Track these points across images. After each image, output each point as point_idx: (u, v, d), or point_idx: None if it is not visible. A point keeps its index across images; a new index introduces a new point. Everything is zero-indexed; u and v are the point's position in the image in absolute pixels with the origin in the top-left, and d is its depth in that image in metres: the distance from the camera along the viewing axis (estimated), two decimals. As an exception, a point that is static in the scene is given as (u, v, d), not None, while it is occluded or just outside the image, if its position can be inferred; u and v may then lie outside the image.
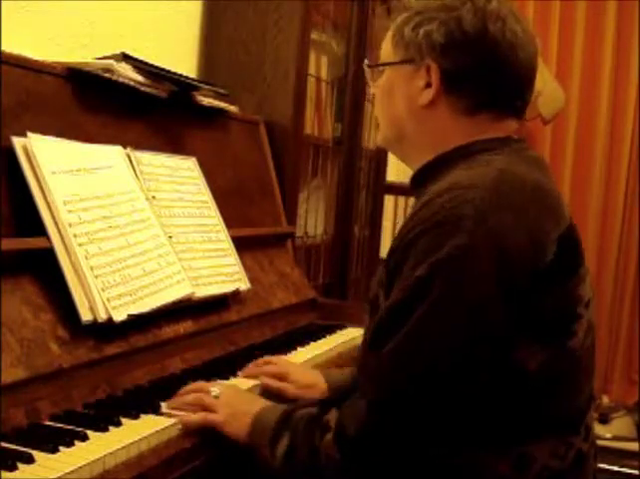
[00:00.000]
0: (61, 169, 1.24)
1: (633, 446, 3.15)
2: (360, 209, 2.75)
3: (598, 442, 1.14)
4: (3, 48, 1.29)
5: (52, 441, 0.96)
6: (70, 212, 1.21)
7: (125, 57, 1.48)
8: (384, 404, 0.96)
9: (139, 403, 1.15)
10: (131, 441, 1.01)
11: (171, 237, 1.45)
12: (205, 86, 1.76)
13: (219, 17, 2.17)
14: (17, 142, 1.20)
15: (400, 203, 3.38)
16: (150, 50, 1.85)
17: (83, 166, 1.30)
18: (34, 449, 0.94)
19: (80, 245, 1.20)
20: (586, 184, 3.77)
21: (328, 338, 1.78)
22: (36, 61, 1.34)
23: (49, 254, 1.17)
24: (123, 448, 0.99)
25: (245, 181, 1.92)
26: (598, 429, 3.27)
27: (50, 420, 1.07)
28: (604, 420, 3.48)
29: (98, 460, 0.95)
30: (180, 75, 1.64)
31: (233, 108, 1.92)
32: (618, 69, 3.72)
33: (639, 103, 3.69)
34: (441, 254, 0.92)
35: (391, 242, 1.03)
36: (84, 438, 1.00)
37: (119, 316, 1.21)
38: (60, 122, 1.34)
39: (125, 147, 1.44)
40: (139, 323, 1.28)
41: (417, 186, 1.12)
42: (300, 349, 1.63)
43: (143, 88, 1.51)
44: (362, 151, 2.67)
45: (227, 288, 1.57)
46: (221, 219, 1.65)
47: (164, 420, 1.11)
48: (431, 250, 0.93)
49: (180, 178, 1.58)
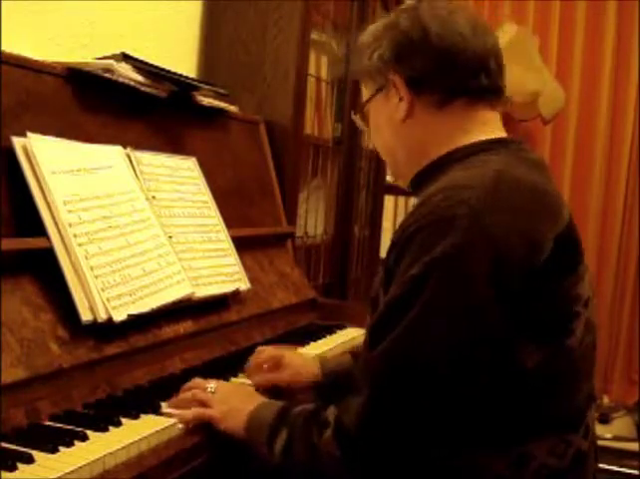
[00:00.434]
0: (61, 169, 1.24)
1: (633, 446, 3.16)
2: (360, 209, 2.75)
3: (598, 442, 1.14)
4: (3, 48, 1.29)
5: (52, 441, 0.96)
6: (70, 212, 1.21)
7: (125, 57, 1.48)
8: (379, 402, 0.96)
9: (139, 403, 1.15)
10: (131, 441, 1.01)
11: (171, 237, 1.45)
12: (205, 86, 1.76)
13: (219, 17, 2.17)
14: (17, 142, 1.20)
15: (400, 203, 3.39)
16: (150, 50, 1.85)
17: (83, 166, 1.30)
18: (34, 449, 0.94)
19: (80, 245, 1.20)
20: (586, 184, 3.77)
21: (328, 338, 1.78)
22: (36, 61, 1.34)
23: (49, 254, 1.17)
24: (123, 448, 0.99)
25: (245, 181, 1.92)
26: (598, 429, 3.26)
27: (50, 420, 1.07)
28: (604, 420, 3.48)
29: (98, 460, 0.95)
30: (180, 75, 1.64)
31: (233, 108, 1.92)
32: (618, 69, 3.72)
33: (639, 103, 3.69)
34: (435, 253, 0.93)
35: (390, 241, 1.04)
36: (84, 438, 1.00)
37: (119, 316, 1.21)
38: (60, 122, 1.35)
39: (125, 147, 1.44)
40: (139, 323, 1.28)
41: (416, 187, 1.15)
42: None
43: (143, 88, 1.51)
44: (362, 151, 2.68)
45: (227, 288, 1.57)
46: (221, 219, 1.65)
47: (164, 420, 1.11)
48: (426, 249, 0.95)
49: (180, 178, 1.58)
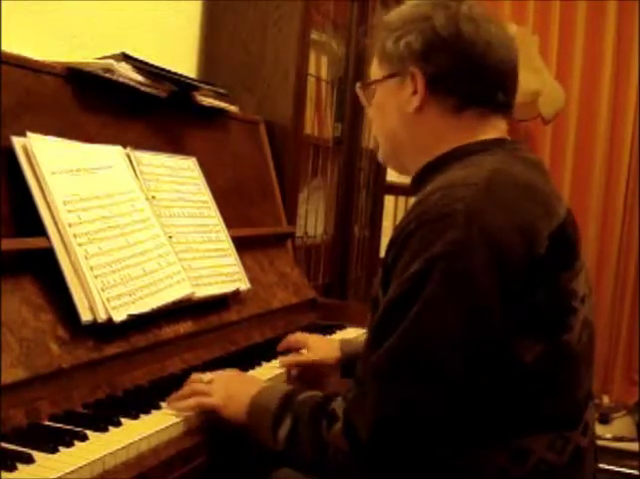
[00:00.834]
0: (61, 169, 1.24)
1: (633, 446, 3.15)
2: (360, 209, 2.75)
3: (598, 442, 1.14)
4: (3, 48, 1.29)
5: (52, 441, 0.96)
6: (70, 212, 1.21)
7: (125, 57, 1.48)
8: (388, 402, 0.96)
9: (139, 403, 1.15)
10: (131, 441, 1.01)
11: (171, 237, 1.45)
12: (205, 86, 1.76)
13: (219, 17, 2.17)
14: (17, 142, 1.20)
15: (400, 203, 3.38)
16: (150, 50, 1.84)
17: (83, 166, 1.30)
18: (34, 449, 0.94)
19: (80, 245, 1.20)
20: (586, 184, 3.77)
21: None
22: (36, 61, 1.34)
23: (49, 254, 1.17)
24: (123, 448, 0.99)
25: (245, 181, 1.92)
26: (598, 429, 3.26)
27: (50, 420, 1.07)
28: (604, 420, 3.47)
29: (98, 460, 0.95)
30: (180, 75, 1.64)
31: (233, 108, 1.92)
32: (618, 69, 3.72)
33: (639, 103, 3.69)
34: (435, 250, 0.94)
35: (388, 241, 1.05)
36: (84, 438, 1.00)
37: (118, 316, 1.21)
38: (60, 122, 1.34)
39: (125, 147, 1.44)
40: (139, 323, 1.28)
41: (415, 187, 1.16)
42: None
43: (143, 88, 1.51)
44: (362, 151, 2.68)
45: (227, 288, 1.57)
46: (221, 219, 1.65)
47: (165, 420, 1.11)
48: (425, 246, 0.95)
49: (180, 178, 1.58)
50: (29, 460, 0.91)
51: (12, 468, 0.89)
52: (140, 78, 1.50)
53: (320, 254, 2.50)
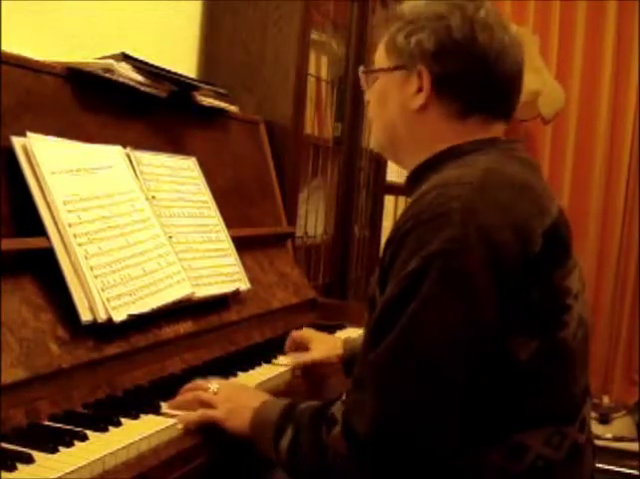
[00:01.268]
0: (61, 169, 1.24)
1: (633, 446, 3.15)
2: (360, 209, 2.75)
3: (598, 442, 1.14)
4: (3, 48, 1.29)
5: (52, 441, 0.96)
6: (70, 212, 1.21)
7: (125, 57, 1.48)
8: (388, 400, 0.95)
9: (139, 403, 1.15)
10: (131, 441, 1.01)
11: (171, 237, 1.45)
12: (205, 86, 1.76)
13: (219, 17, 2.17)
14: (17, 142, 1.20)
15: (400, 203, 3.38)
16: (150, 50, 1.84)
17: (83, 166, 1.30)
18: (34, 449, 0.94)
19: (80, 245, 1.20)
20: (586, 184, 3.77)
21: (328, 338, 1.78)
22: (36, 61, 1.34)
23: (49, 254, 1.17)
24: (123, 448, 0.99)
25: (245, 181, 1.92)
26: (598, 429, 3.27)
27: (50, 420, 1.07)
28: (604, 420, 3.47)
29: (98, 460, 0.95)
30: (180, 75, 1.64)
31: (233, 108, 1.92)
32: (618, 69, 3.72)
33: (639, 103, 3.69)
34: (432, 248, 0.94)
35: (385, 241, 1.05)
36: (83, 438, 1.00)
37: (118, 316, 1.21)
38: (60, 122, 1.34)
39: (125, 147, 1.44)
40: (139, 323, 1.28)
41: (410, 187, 1.16)
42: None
43: (143, 88, 1.51)
44: (362, 151, 2.67)
45: (227, 288, 1.57)
46: (221, 219, 1.65)
47: (165, 420, 1.11)
48: (422, 245, 0.95)
49: (180, 178, 1.58)
50: (29, 460, 0.91)
51: (12, 468, 0.89)
52: (140, 78, 1.50)
53: (320, 254, 2.50)
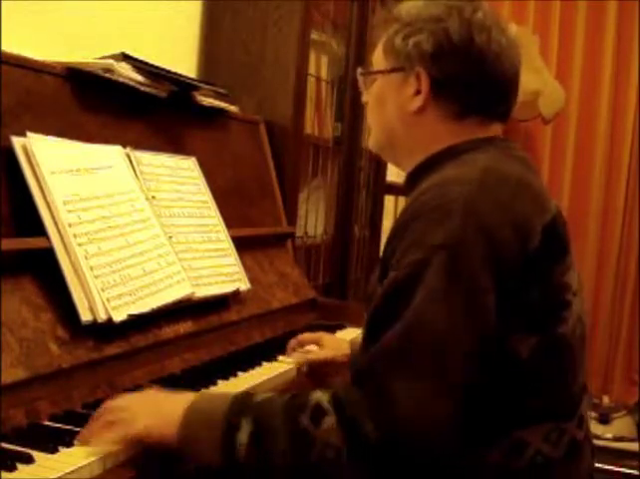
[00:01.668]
0: (61, 169, 1.24)
1: (633, 446, 3.15)
2: (360, 209, 2.75)
3: (598, 442, 1.15)
4: (3, 48, 1.29)
5: (52, 441, 0.96)
6: (70, 212, 1.21)
7: (125, 57, 1.48)
8: (391, 398, 0.92)
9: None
10: (130, 441, 1.01)
11: (171, 237, 1.45)
12: (205, 86, 1.76)
13: (219, 17, 2.17)
14: (17, 142, 1.20)
15: (400, 203, 3.38)
16: (150, 50, 1.84)
17: (83, 166, 1.30)
18: (34, 449, 0.94)
19: (80, 245, 1.20)
20: (586, 184, 3.77)
21: (328, 338, 1.78)
22: (36, 61, 1.34)
23: (49, 254, 1.17)
24: (123, 448, 0.99)
25: (245, 181, 1.92)
26: (598, 429, 3.27)
27: (50, 420, 1.07)
28: (604, 420, 3.47)
29: (98, 460, 0.95)
30: (180, 75, 1.64)
31: (233, 108, 1.92)
32: (618, 69, 3.72)
33: (639, 103, 3.69)
34: (434, 240, 0.94)
35: (386, 239, 1.05)
36: (84, 438, 1.00)
37: (118, 316, 1.21)
38: (60, 122, 1.34)
39: (125, 147, 1.44)
40: (139, 323, 1.28)
41: (409, 187, 1.16)
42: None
43: (143, 88, 1.51)
44: (362, 151, 2.67)
45: (227, 288, 1.57)
46: (221, 219, 1.65)
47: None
48: (423, 236, 0.96)
49: (180, 178, 1.58)
50: (29, 460, 0.91)
51: (12, 468, 0.89)
52: (140, 78, 1.50)
53: (320, 254, 2.50)
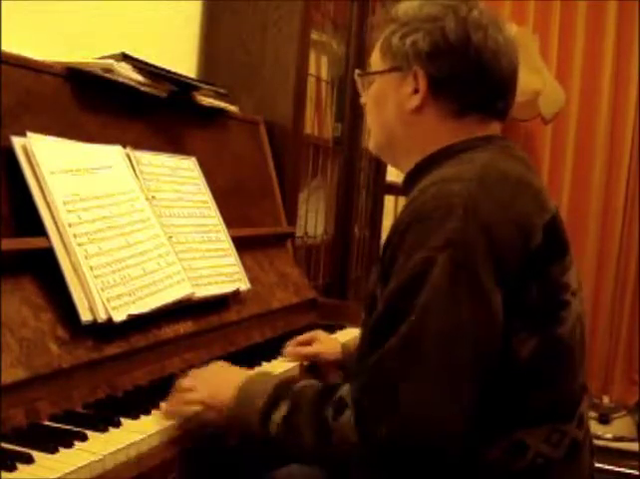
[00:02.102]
0: (60, 168, 1.24)
1: (633, 446, 3.15)
2: (360, 209, 2.75)
3: (598, 442, 1.15)
4: (3, 48, 1.29)
5: (51, 441, 0.96)
6: (70, 212, 1.21)
7: (125, 57, 1.48)
8: (399, 402, 0.92)
9: (139, 403, 1.15)
10: (131, 441, 1.01)
11: (171, 237, 1.45)
12: (205, 86, 1.76)
13: (219, 17, 2.17)
14: (17, 142, 1.20)
15: (400, 203, 3.38)
16: (150, 50, 1.84)
17: (83, 166, 1.30)
18: (34, 449, 0.94)
19: (79, 245, 1.20)
20: (586, 183, 3.76)
21: (328, 338, 1.78)
22: (36, 61, 1.34)
23: (49, 254, 1.17)
24: (123, 448, 0.99)
25: (245, 181, 1.92)
26: (598, 429, 3.27)
27: (50, 420, 1.07)
28: (605, 420, 3.47)
29: (98, 460, 0.95)
30: (180, 75, 1.64)
31: (233, 108, 1.92)
32: (618, 69, 3.72)
33: (639, 103, 3.68)
34: (436, 241, 0.94)
35: (385, 238, 1.05)
36: (83, 438, 1.00)
37: (118, 316, 1.21)
38: (60, 122, 1.34)
39: (125, 147, 1.44)
40: (139, 323, 1.28)
41: (408, 185, 1.16)
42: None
43: (143, 88, 1.51)
44: (362, 151, 2.67)
45: (227, 288, 1.57)
46: (221, 219, 1.65)
47: (165, 420, 1.11)
48: (425, 238, 0.95)
49: (180, 178, 1.58)
50: (29, 460, 0.91)
51: (12, 468, 0.89)
52: (140, 78, 1.50)
53: (320, 254, 2.50)
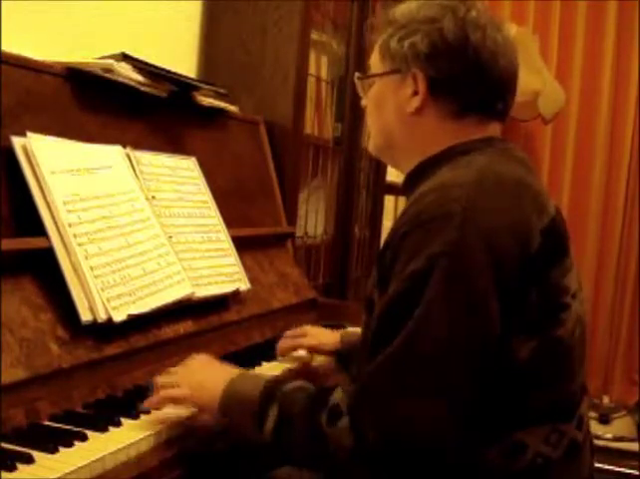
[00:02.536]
0: (60, 168, 1.24)
1: (633, 446, 3.15)
2: (360, 209, 2.75)
3: (598, 442, 1.15)
4: (3, 48, 1.29)
5: (52, 441, 0.96)
6: (70, 212, 1.21)
7: (125, 57, 1.48)
8: (396, 406, 0.94)
9: (139, 403, 1.15)
10: (130, 441, 1.02)
11: (171, 237, 1.45)
12: (205, 86, 1.76)
13: (219, 17, 2.17)
14: (17, 142, 1.20)
15: (400, 203, 3.38)
16: (150, 50, 1.84)
17: (83, 166, 1.30)
18: (34, 449, 0.94)
19: (80, 245, 1.20)
20: (586, 184, 3.76)
21: (328, 338, 1.78)
22: (36, 61, 1.34)
23: (49, 254, 1.17)
24: (123, 448, 0.99)
25: (245, 181, 1.92)
26: (598, 429, 3.27)
27: (50, 420, 1.07)
28: (605, 420, 3.47)
29: (98, 460, 0.95)
30: (180, 75, 1.64)
31: (233, 108, 1.92)
32: (618, 69, 3.71)
33: (639, 103, 3.68)
34: (434, 249, 0.94)
35: (383, 242, 1.05)
36: (83, 438, 1.00)
37: (118, 316, 1.21)
38: (60, 122, 1.34)
39: (125, 147, 1.44)
40: (139, 323, 1.28)
41: (407, 188, 1.16)
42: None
43: (143, 88, 1.51)
44: (362, 151, 2.67)
45: (227, 288, 1.57)
46: (221, 219, 1.65)
47: (164, 420, 1.11)
48: (423, 245, 0.95)
49: (180, 178, 1.58)
50: (29, 460, 0.91)
51: (12, 468, 0.89)
52: (140, 78, 1.50)
53: (320, 254, 2.50)
